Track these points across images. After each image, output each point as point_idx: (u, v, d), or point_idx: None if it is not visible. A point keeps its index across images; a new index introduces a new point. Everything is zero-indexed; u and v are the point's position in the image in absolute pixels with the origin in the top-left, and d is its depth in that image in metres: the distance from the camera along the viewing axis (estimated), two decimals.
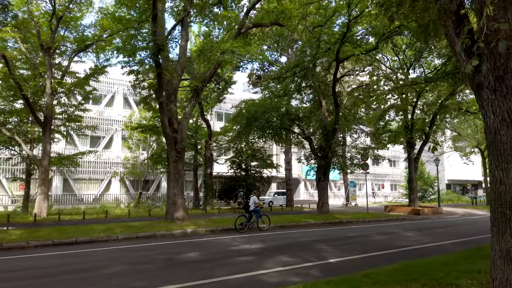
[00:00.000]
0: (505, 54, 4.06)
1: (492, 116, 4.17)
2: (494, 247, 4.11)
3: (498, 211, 4.03)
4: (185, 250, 10.73)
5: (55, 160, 24.01)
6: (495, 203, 4.11)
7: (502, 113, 4.07)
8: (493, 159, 4.16)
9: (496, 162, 4.10)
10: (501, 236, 3.98)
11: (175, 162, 16.41)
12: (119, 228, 14.22)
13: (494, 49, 4.05)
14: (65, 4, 21.10)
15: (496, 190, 4.08)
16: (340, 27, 22.08)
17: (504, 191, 3.96)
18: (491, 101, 4.16)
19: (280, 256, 9.69)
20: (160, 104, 16.06)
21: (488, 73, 4.17)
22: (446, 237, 14.14)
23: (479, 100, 4.37)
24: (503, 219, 3.96)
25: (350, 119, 26.35)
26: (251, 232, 15.05)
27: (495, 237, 4.09)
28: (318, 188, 23.20)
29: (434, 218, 23.40)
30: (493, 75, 4.14)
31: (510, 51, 4.06)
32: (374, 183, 56.46)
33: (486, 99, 4.24)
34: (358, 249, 11.05)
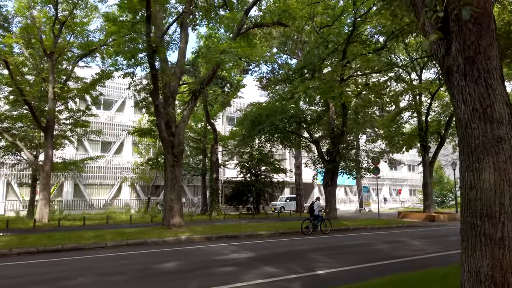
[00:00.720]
0: (476, 30, 3.33)
1: (463, 106, 3.43)
2: (463, 267, 3.35)
3: (468, 221, 3.28)
4: (168, 259, 10.18)
5: (61, 166, 23.99)
6: (465, 212, 3.36)
7: (474, 101, 3.33)
8: (463, 158, 3.42)
9: (467, 161, 3.36)
10: (471, 253, 3.23)
11: (172, 166, 15.95)
12: (110, 235, 13.82)
13: (463, 23, 3.32)
14: (70, 9, 21.10)
15: (466, 196, 3.33)
16: (347, 26, 21.23)
17: (475, 197, 3.21)
18: (461, 87, 3.43)
19: (266, 267, 9.01)
20: (156, 107, 15.67)
21: (458, 54, 3.44)
22: (456, 246, 13.02)
23: (450, 88, 3.64)
24: (472, 232, 3.21)
25: (361, 122, 25.40)
26: (314, 234, 15.85)
27: (464, 254, 3.34)
28: (325, 193, 22.34)
29: (450, 225, 22.13)
30: (462, 56, 3.40)
31: (482, 26, 3.33)
32: (392, 188, 54.82)
33: (456, 86, 3.51)
34: (354, 259, 10.25)
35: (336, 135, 22.04)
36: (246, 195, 30.27)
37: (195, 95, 16.97)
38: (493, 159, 3.17)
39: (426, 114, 26.08)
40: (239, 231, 15.85)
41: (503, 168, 3.13)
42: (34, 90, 19.77)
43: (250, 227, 17.51)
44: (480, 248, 3.12)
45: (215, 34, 23.79)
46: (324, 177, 22.52)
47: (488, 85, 3.28)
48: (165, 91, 16.57)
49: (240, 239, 14.71)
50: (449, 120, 26.47)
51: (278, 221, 22.01)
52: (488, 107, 3.25)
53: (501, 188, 3.10)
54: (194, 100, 17.08)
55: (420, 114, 26.63)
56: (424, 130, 26.04)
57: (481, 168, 3.21)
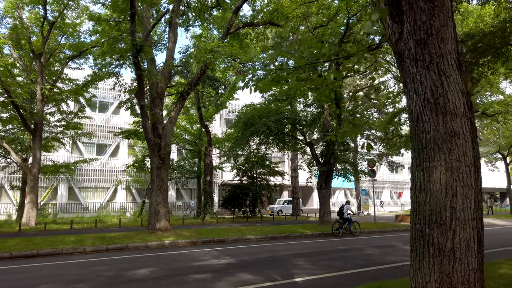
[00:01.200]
0: (428, 8, 2.90)
1: (415, 96, 3.00)
2: (411, 282, 2.90)
3: (416, 229, 2.84)
4: (144, 265, 9.76)
5: (52, 168, 23.67)
6: (413, 218, 2.92)
7: (425, 91, 2.90)
8: (414, 156, 2.98)
9: (417, 159, 2.92)
10: (418, 266, 2.79)
11: (158, 169, 15.55)
12: (91, 239, 13.42)
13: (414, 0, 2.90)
14: (60, 10, 20.82)
15: (415, 199, 2.89)
16: (343, 26, 20.81)
17: (424, 201, 2.78)
18: (413, 75, 3.00)
19: (242, 273, 8.57)
20: (141, 108, 15.29)
21: (408, 36, 3.01)
22: None
23: (403, 76, 3.20)
24: (420, 242, 2.77)
25: (357, 123, 24.91)
26: (344, 236, 16.66)
27: (412, 267, 2.89)
28: (319, 197, 21.85)
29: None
30: (413, 39, 2.98)
31: (435, 4, 2.90)
32: (393, 191, 54.19)
33: (408, 74, 3.07)
34: (339, 265, 9.79)
35: None
36: (242, 198, 29.77)
37: (183, 96, 16.59)
38: (445, 156, 2.73)
39: None
40: (226, 235, 15.42)
41: (456, 167, 2.70)
42: (23, 92, 19.45)
43: (239, 231, 17.06)
44: (428, 260, 2.68)
45: (207, 35, 23.46)
46: (318, 180, 22.05)
47: (441, 72, 2.84)
48: (152, 91, 16.21)
49: (226, 244, 14.29)
50: None
51: (272, 225, 21.55)
52: (441, 96, 2.82)
53: (453, 190, 2.67)
54: (182, 101, 16.70)
55: None
56: None
57: (431, 167, 2.77)
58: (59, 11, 20.63)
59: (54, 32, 22.19)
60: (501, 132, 31.38)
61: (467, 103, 2.83)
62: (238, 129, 23.01)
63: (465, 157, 2.73)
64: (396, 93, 26.59)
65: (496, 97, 28.33)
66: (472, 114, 2.82)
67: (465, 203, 2.65)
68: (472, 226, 2.62)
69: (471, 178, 2.69)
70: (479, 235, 2.65)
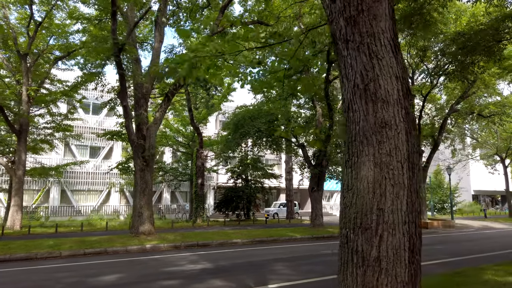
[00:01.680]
0: None
1: (346, 82, 2.63)
2: None
3: (342, 233, 2.46)
4: (115, 270, 9.37)
5: (40, 171, 23.34)
6: (340, 221, 2.53)
7: (355, 76, 2.53)
8: (345, 151, 2.60)
9: (347, 155, 2.55)
10: (343, 277, 2.40)
11: (142, 171, 15.19)
12: (69, 243, 13.05)
13: None
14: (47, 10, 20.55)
15: (343, 199, 2.51)
16: None
17: (350, 202, 2.40)
18: (344, 58, 2.63)
19: (214, 280, 8.18)
20: (124, 108, 14.96)
21: (339, 15, 2.64)
22: (437, 255, 12.19)
23: (338, 62, 2.83)
24: (345, 249, 2.39)
25: None
26: None
27: (338, 278, 2.50)
28: (311, 199, 21.42)
29: (443, 233, 21.13)
30: (343, 17, 2.61)
31: None
32: None
33: (341, 58, 2.70)
34: (319, 270, 9.39)
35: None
36: (236, 201, 29.37)
37: (168, 97, 16.24)
38: (374, 150, 2.36)
39: (419, 116, 25.12)
40: (212, 239, 15.03)
41: (386, 162, 2.32)
42: (9, 93, 19.16)
43: (226, 235, 16.67)
44: (352, 271, 2.30)
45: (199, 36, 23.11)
46: (309, 182, 21.63)
47: (373, 54, 2.47)
48: (136, 92, 15.87)
49: (210, 248, 13.90)
50: (443, 123, 25.51)
51: (263, 228, 21.16)
52: (371, 82, 2.45)
53: (382, 189, 2.29)
54: (167, 102, 16.34)
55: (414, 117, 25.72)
56: (417, 133, 25.08)
57: (360, 162, 2.40)
58: (46, 11, 20.35)
59: (43, 32, 21.94)
60: (499, 134, 30.91)
61: (402, 90, 2.45)
62: (230, 131, 22.66)
63: (396, 151, 2.35)
64: None
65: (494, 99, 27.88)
66: (408, 102, 2.45)
67: (395, 204, 2.27)
68: (403, 231, 2.24)
69: (404, 176, 2.31)
70: (412, 242, 2.27)
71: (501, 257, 11.27)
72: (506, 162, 34.61)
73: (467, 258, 11.59)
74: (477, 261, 10.39)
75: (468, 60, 14.33)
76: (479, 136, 35.17)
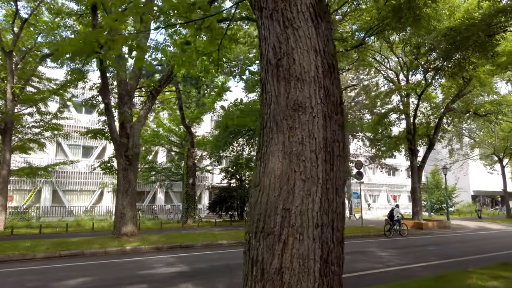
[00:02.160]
0: None
1: (260, 58, 2.21)
2: None
3: (246, 240, 2.04)
4: (82, 274, 8.96)
5: (28, 171, 22.96)
6: (247, 223, 2.11)
7: (268, 49, 2.11)
8: (258, 141, 2.18)
9: (259, 144, 2.13)
10: None
11: (125, 170, 14.78)
12: (46, 245, 12.64)
13: None
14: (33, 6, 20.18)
15: (250, 198, 2.09)
16: None
17: (256, 201, 1.99)
18: (259, 29, 2.20)
19: (186, 284, 7.80)
20: (106, 106, 14.57)
21: None
22: (426, 257, 11.77)
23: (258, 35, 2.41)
24: (247, 257, 1.98)
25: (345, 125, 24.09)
26: (395, 236, 18.10)
27: None
28: None
29: (437, 234, 20.68)
30: None
31: None
32: (390, 195, 53.17)
33: (258, 30, 2.28)
34: None
35: None
36: (229, 201, 28.94)
37: (153, 95, 15.84)
38: (284, 137, 1.95)
39: (414, 115, 24.71)
40: (197, 241, 14.63)
41: (297, 153, 1.91)
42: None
43: (212, 236, 16.26)
44: (250, 285, 1.88)
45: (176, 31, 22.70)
46: None
47: (287, 22, 2.06)
48: (120, 89, 15.47)
49: (194, 249, 13.49)
50: (439, 123, 25.07)
51: None
52: (285, 56, 2.04)
53: (290, 185, 1.88)
54: (151, 99, 15.96)
55: (408, 116, 25.27)
56: (412, 133, 24.67)
57: (269, 153, 1.98)
58: (33, 8, 19.97)
59: (31, 30, 21.57)
60: (496, 133, 30.42)
61: (322, 66, 2.04)
62: (220, 130, 22.27)
63: (310, 139, 1.93)
64: (386, 93, 25.77)
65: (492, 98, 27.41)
66: (331, 81, 2.03)
67: (306, 203, 1.86)
68: (313, 237, 1.82)
69: (318, 168, 1.90)
70: (327, 249, 1.85)
71: (492, 259, 10.83)
72: (503, 162, 34.08)
73: (457, 260, 11.17)
74: (466, 264, 9.95)
75: (459, 56, 13.88)
76: (477, 136, 34.68)
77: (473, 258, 11.38)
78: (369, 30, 18.99)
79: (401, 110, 25.17)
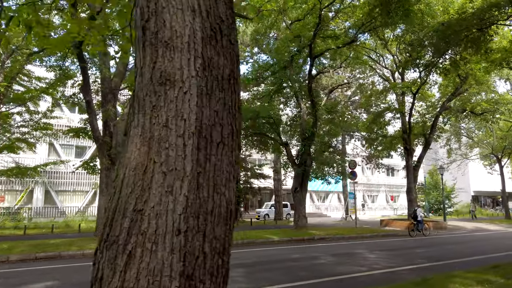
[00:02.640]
0: None
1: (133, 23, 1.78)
2: None
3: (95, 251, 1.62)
4: (50, 277, 8.57)
5: (16, 171, 22.59)
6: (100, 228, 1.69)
7: (136, 10, 1.69)
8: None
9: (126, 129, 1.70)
10: None
11: (108, 170, 14.40)
12: (23, 247, 12.26)
13: None
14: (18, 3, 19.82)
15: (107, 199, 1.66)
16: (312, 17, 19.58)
17: (109, 201, 1.56)
18: None
19: None
20: (87, 104, 14.19)
21: None
22: (415, 260, 11.33)
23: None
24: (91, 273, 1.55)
25: (338, 122, 23.66)
26: (418, 236, 18.53)
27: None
28: (295, 200, 20.55)
29: (433, 235, 20.22)
30: None
31: None
32: (388, 195, 52.70)
33: None
34: (275, 278, 8.55)
35: (306, 137, 20.30)
36: None
37: None
38: (145, 119, 1.53)
39: (409, 114, 24.26)
40: None
41: (160, 138, 1.49)
42: None
43: None
44: None
45: None
46: (293, 182, 20.77)
47: None
48: (103, 87, 15.08)
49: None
50: (435, 121, 24.61)
51: (244, 230, 20.31)
52: (153, 16, 1.62)
53: (147, 179, 1.46)
54: None
55: (404, 116, 24.82)
56: (408, 132, 24.21)
57: (131, 136, 1.56)
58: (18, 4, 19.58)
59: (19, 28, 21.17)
60: (494, 132, 29.91)
61: (202, 31, 1.61)
62: None
63: (178, 121, 1.52)
64: (380, 91, 25.33)
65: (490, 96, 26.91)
66: (216, 51, 1.62)
67: (165, 203, 1.43)
68: (172, 247, 1.40)
69: (186, 159, 1.48)
70: (191, 263, 1.42)
71: (484, 262, 10.37)
72: (502, 162, 33.56)
73: (447, 262, 10.72)
74: (453, 267, 9.51)
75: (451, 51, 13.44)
76: (475, 136, 34.17)
77: (464, 261, 10.93)
78: (361, 26, 18.59)
79: (396, 109, 24.72)
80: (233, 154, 1.67)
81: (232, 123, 1.67)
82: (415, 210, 19.65)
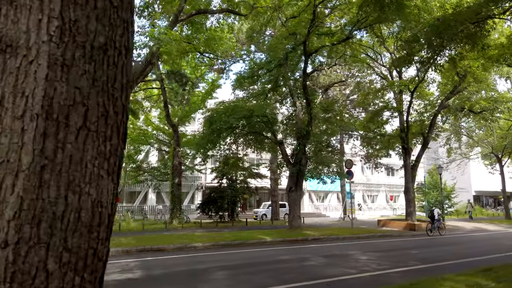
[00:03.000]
0: None
1: None
2: None
3: None
4: None
5: None
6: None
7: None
8: None
9: None
10: None
11: None
12: None
13: None
14: None
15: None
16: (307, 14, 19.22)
17: None
18: None
19: None
20: None
21: None
22: (408, 261, 10.95)
23: None
24: None
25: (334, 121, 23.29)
26: (434, 235, 19.00)
27: None
28: (289, 200, 20.20)
29: (430, 235, 19.79)
30: None
31: None
32: (388, 195, 52.27)
33: None
34: (259, 281, 8.22)
35: (301, 135, 19.93)
36: (219, 202, 28.17)
37: None
38: None
39: (407, 113, 23.86)
40: (170, 243, 13.89)
41: None
42: None
43: (190, 237, 15.55)
44: None
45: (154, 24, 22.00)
46: (288, 182, 20.40)
47: None
48: None
49: (164, 253, 12.74)
50: (433, 120, 24.20)
51: (239, 230, 20.03)
52: None
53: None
54: None
55: (402, 114, 24.42)
56: (406, 131, 23.80)
57: None
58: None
59: None
60: (494, 131, 29.44)
61: None
62: (204, 129, 21.54)
63: (17, 98, 1.19)
64: (378, 89, 24.93)
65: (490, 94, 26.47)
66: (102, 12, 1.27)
67: None
68: None
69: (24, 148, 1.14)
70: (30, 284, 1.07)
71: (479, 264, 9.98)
72: (502, 161, 33.09)
73: (441, 264, 10.35)
74: (447, 269, 9.14)
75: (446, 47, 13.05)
76: (475, 135, 33.71)
77: (459, 262, 10.54)
78: (356, 23, 18.23)
79: (394, 107, 24.33)
80: (109, 144, 1.32)
81: (106, 104, 1.31)
82: (432, 210, 20.31)
